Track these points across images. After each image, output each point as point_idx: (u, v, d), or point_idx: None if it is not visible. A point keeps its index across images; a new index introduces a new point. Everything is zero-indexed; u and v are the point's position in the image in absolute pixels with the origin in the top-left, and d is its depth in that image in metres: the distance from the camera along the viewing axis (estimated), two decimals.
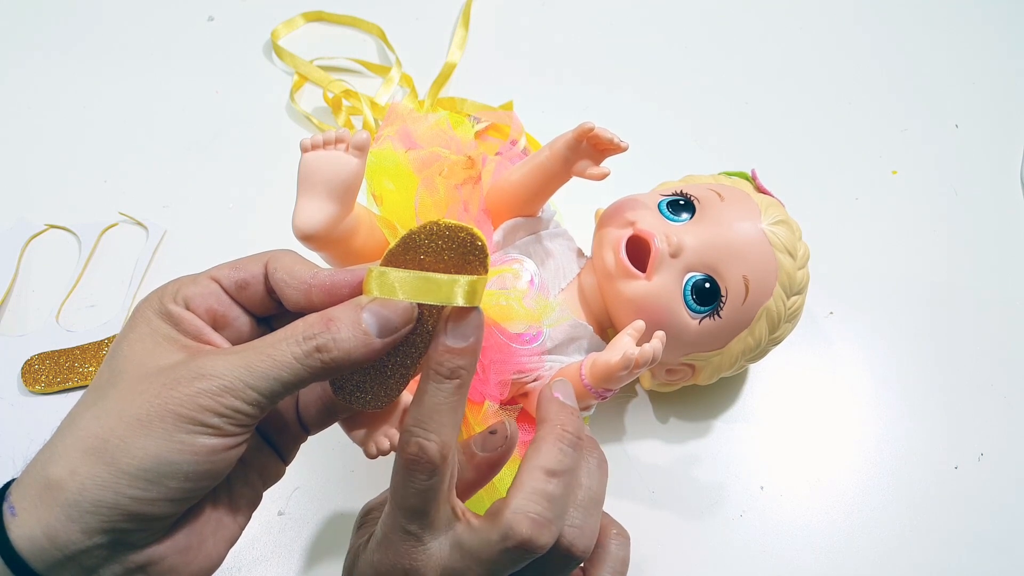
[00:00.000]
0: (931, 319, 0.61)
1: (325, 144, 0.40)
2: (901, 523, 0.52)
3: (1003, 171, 0.70)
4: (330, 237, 0.41)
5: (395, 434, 0.35)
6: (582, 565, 0.36)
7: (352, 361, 0.29)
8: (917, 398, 0.58)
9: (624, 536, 0.37)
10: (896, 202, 0.68)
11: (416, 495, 0.30)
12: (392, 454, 0.35)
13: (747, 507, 0.53)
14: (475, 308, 0.30)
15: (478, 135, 0.53)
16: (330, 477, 0.52)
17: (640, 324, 0.43)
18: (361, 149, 0.40)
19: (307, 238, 0.41)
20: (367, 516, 0.37)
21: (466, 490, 0.35)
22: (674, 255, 0.45)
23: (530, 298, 0.44)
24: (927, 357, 0.60)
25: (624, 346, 0.41)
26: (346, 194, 0.41)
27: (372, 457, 0.35)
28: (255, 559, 0.49)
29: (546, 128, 0.63)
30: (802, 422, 0.56)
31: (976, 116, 0.74)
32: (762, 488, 0.53)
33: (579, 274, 0.50)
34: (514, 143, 0.57)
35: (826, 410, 0.57)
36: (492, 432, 0.35)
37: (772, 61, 0.77)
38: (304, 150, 0.41)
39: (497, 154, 0.52)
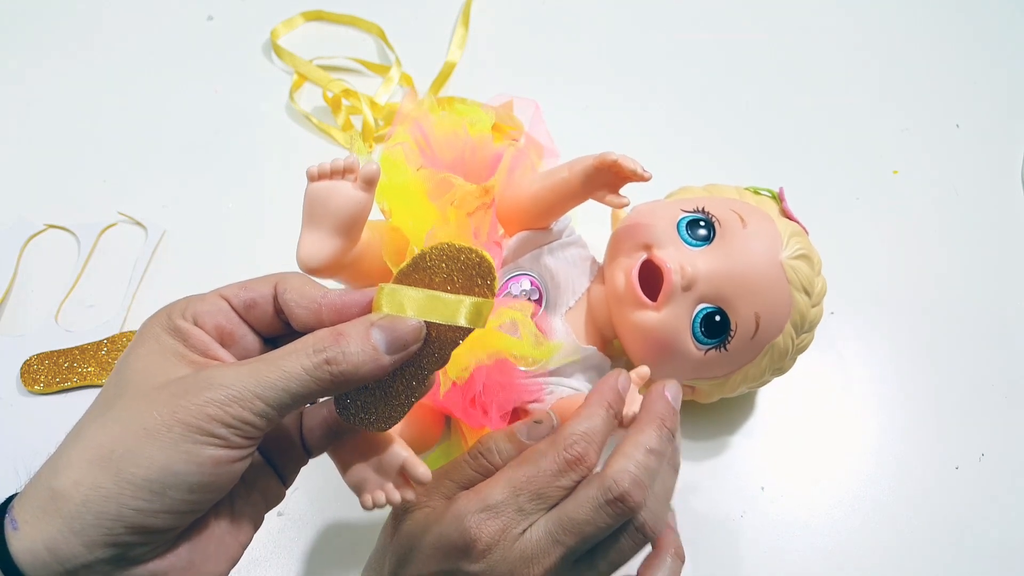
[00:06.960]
0: (932, 319, 0.61)
1: (332, 174, 0.39)
2: (902, 523, 0.52)
3: (1003, 171, 0.70)
4: (335, 267, 0.40)
5: (391, 489, 0.34)
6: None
7: (360, 376, 0.29)
8: (918, 398, 0.58)
9: (680, 556, 0.40)
10: (896, 202, 0.68)
11: (557, 489, 0.35)
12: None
13: (748, 507, 0.53)
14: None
15: (493, 128, 0.51)
16: (330, 478, 0.51)
17: (645, 371, 0.43)
18: (370, 183, 0.39)
19: (312, 272, 0.39)
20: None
21: None
22: (687, 288, 0.44)
23: (535, 336, 0.43)
24: (928, 357, 0.60)
25: (629, 402, 0.40)
26: (353, 228, 0.39)
27: (368, 509, 0.34)
28: (254, 560, 0.49)
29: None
30: (802, 422, 0.56)
31: (976, 116, 0.74)
32: (763, 488, 0.53)
33: (588, 288, 0.49)
34: (518, 138, 0.56)
35: (826, 410, 0.57)
36: (538, 422, 0.39)
37: (772, 61, 0.77)
38: (311, 179, 0.39)
39: (513, 140, 0.50)
